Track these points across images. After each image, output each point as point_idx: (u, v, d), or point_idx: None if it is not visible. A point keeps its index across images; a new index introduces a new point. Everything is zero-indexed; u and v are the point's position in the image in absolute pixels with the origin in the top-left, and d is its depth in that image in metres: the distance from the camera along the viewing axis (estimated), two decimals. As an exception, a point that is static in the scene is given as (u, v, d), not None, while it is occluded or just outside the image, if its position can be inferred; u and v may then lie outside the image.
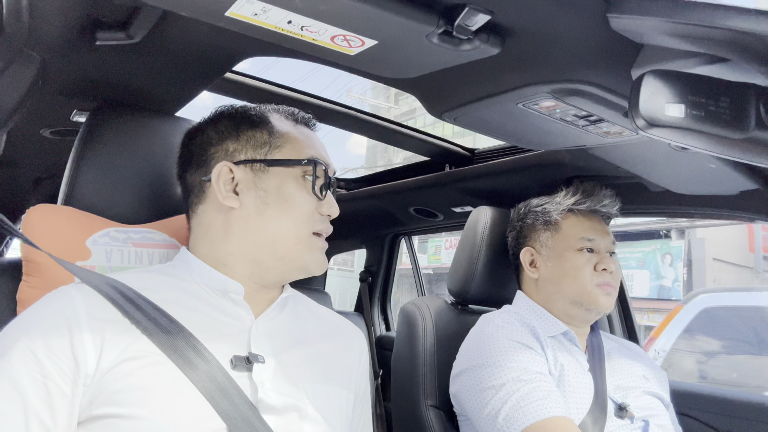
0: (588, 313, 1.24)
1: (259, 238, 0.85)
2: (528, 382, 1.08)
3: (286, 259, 0.86)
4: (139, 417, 0.68)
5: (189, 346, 0.74)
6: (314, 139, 0.93)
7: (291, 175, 0.86)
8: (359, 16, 0.71)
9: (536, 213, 1.33)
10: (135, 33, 0.90)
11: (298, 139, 0.89)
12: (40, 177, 2.06)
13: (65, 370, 0.69)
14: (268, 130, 0.89)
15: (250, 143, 0.88)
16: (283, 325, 0.88)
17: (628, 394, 1.19)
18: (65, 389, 0.68)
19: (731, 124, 0.64)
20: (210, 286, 0.84)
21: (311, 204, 0.86)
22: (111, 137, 1.04)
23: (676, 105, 0.62)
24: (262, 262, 0.85)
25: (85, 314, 0.72)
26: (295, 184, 0.86)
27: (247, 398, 0.75)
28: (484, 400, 1.10)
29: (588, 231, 1.26)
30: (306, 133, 0.92)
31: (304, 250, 0.86)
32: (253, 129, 0.89)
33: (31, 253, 0.91)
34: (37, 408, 0.67)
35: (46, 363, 0.68)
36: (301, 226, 0.85)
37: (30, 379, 0.68)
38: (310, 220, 0.86)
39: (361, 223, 2.38)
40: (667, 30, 0.67)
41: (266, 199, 0.85)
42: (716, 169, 1.12)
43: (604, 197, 1.30)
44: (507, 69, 0.88)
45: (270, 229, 0.84)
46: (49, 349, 0.69)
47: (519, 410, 1.05)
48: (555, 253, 1.28)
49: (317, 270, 0.88)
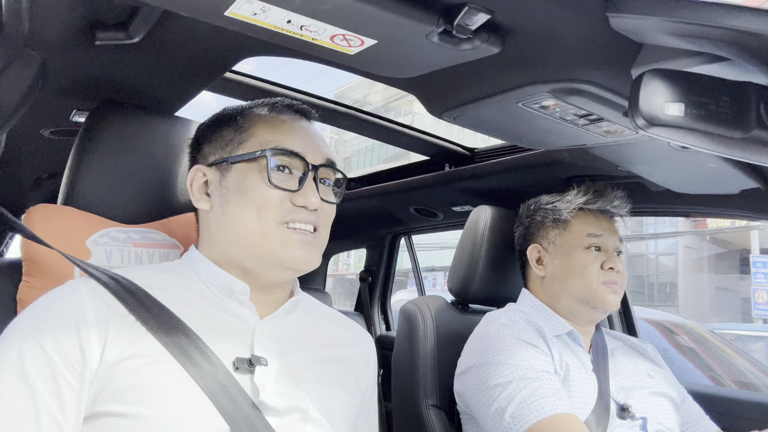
0: (594, 311, 1.24)
1: (229, 236, 0.84)
2: (534, 380, 1.08)
3: (259, 255, 0.82)
4: (142, 416, 0.68)
5: (193, 345, 0.74)
6: (289, 126, 0.87)
7: (252, 169, 0.83)
8: (359, 15, 0.71)
9: (546, 210, 1.33)
10: (135, 33, 0.90)
11: (265, 132, 0.86)
12: (40, 177, 2.07)
13: (73, 363, 0.69)
14: (234, 127, 0.88)
15: (219, 143, 0.88)
16: (289, 327, 0.87)
17: (631, 395, 1.19)
18: (73, 383, 0.69)
19: (731, 123, 0.64)
20: (216, 285, 0.84)
21: (276, 195, 0.82)
22: (111, 137, 1.03)
23: (676, 104, 0.62)
24: (242, 261, 0.84)
25: (92, 309, 0.73)
26: (255, 177, 0.83)
27: (250, 399, 0.74)
28: (490, 398, 1.10)
29: (596, 229, 1.27)
30: (279, 122, 0.88)
31: (275, 245, 0.81)
32: (222, 128, 0.89)
33: (31, 253, 0.91)
34: (47, 402, 0.68)
35: (55, 357, 0.69)
36: (264, 217, 0.81)
37: (40, 373, 0.68)
38: (276, 209, 0.81)
39: (361, 223, 2.38)
40: (667, 29, 0.67)
41: (228, 197, 0.84)
42: (716, 169, 1.12)
43: (615, 198, 1.30)
44: (507, 68, 0.88)
45: (235, 226, 0.83)
46: (58, 344, 0.69)
47: (526, 407, 1.05)
48: (563, 251, 1.28)
49: (294, 265, 0.82)
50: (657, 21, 0.66)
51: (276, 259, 0.82)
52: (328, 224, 0.89)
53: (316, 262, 0.85)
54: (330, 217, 0.89)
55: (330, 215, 0.89)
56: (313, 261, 0.84)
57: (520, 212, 1.41)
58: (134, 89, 1.14)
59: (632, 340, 1.40)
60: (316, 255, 0.85)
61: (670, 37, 0.69)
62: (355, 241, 2.65)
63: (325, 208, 0.87)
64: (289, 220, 0.82)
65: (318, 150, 0.87)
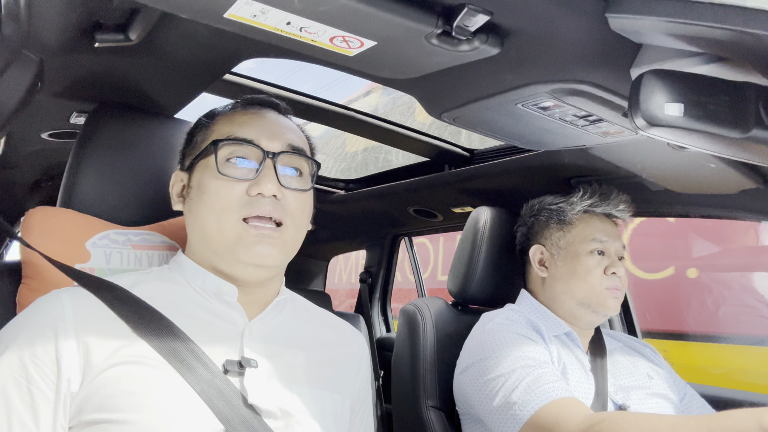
0: (594, 315, 1.24)
1: (197, 235, 0.84)
2: (537, 368, 1.08)
3: (219, 253, 0.80)
4: (131, 422, 0.68)
5: (186, 349, 0.74)
6: (248, 117, 0.85)
7: (208, 165, 0.82)
8: (358, 17, 0.71)
9: (550, 211, 1.32)
10: (134, 34, 0.90)
11: (223, 127, 0.85)
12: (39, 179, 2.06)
13: (49, 375, 0.69)
14: (199, 130, 0.89)
15: (189, 148, 0.90)
16: (278, 328, 0.86)
17: (630, 395, 1.19)
18: (49, 394, 0.69)
19: (731, 123, 0.64)
20: (204, 288, 0.83)
21: (229, 188, 0.79)
22: (110, 139, 1.03)
23: (676, 104, 0.62)
24: (210, 260, 0.82)
25: (72, 318, 0.72)
26: (211, 173, 0.81)
27: (246, 400, 0.74)
28: (493, 389, 1.09)
29: (601, 233, 1.26)
30: (238, 115, 0.86)
31: (233, 242, 0.79)
32: (195, 133, 0.90)
33: (30, 256, 0.91)
34: (21, 413, 0.68)
35: (31, 369, 0.69)
36: (221, 214, 0.79)
37: (15, 384, 0.69)
38: (233, 205, 0.79)
39: (361, 224, 2.38)
40: (666, 29, 0.67)
41: (191, 195, 0.85)
42: (716, 169, 1.12)
43: (620, 202, 1.30)
44: (506, 69, 0.88)
45: (198, 224, 0.82)
46: (35, 354, 0.70)
47: (531, 393, 1.04)
48: (566, 254, 1.28)
49: (251, 260, 0.79)
50: (656, 21, 0.66)
51: (233, 256, 0.79)
52: (298, 217, 0.83)
53: (277, 256, 0.80)
54: (299, 208, 0.83)
55: (299, 206, 0.83)
56: (273, 255, 0.79)
57: (523, 212, 1.40)
58: (133, 91, 1.13)
59: (632, 340, 1.39)
60: (276, 248, 0.80)
61: (669, 38, 0.69)
62: (355, 242, 2.65)
63: (290, 197, 0.82)
64: (247, 215, 0.79)
65: (277, 136, 0.83)
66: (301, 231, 0.85)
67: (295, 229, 0.84)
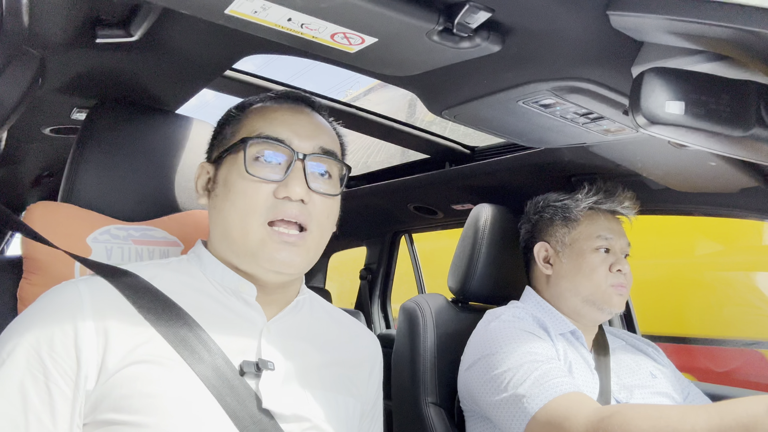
0: (599, 312, 1.24)
1: (219, 233, 0.82)
2: (545, 362, 1.08)
3: (242, 255, 0.78)
4: (147, 425, 0.67)
5: (204, 348, 0.73)
6: (280, 114, 0.83)
7: (236, 161, 0.79)
8: (359, 13, 0.71)
9: (555, 208, 1.32)
10: (135, 30, 0.90)
11: (255, 121, 0.82)
12: (40, 175, 2.07)
13: (67, 371, 0.67)
14: (230, 121, 0.87)
15: (219, 139, 0.88)
16: (296, 329, 0.85)
17: (633, 394, 1.19)
18: (67, 391, 0.67)
19: (732, 121, 0.64)
20: (222, 284, 0.82)
21: (258, 190, 0.77)
22: (111, 135, 1.03)
23: (677, 102, 0.62)
24: (230, 259, 0.81)
25: (91, 312, 0.70)
26: (239, 170, 0.79)
27: (260, 401, 0.74)
28: (501, 383, 1.08)
29: (606, 231, 1.26)
30: (270, 110, 0.83)
31: (256, 247, 0.77)
32: (224, 125, 0.89)
33: (31, 251, 0.91)
34: (38, 410, 0.66)
35: (49, 365, 0.67)
36: (245, 216, 0.77)
37: (33, 380, 0.67)
38: (259, 207, 0.77)
39: (361, 221, 2.38)
40: (668, 27, 0.67)
41: (217, 191, 0.83)
42: (717, 167, 1.12)
43: (625, 199, 1.30)
44: (507, 67, 0.88)
45: (221, 223, 0.80)
46: (53, 349, 0.68)
47: (540, 386, 1.03)
48: (571, 251, 1.27)
49: (273, 267, 0.77)
50: (657, 19, 0.66)
51: (254, 260, 0.78)
52: (323, 222, 0.82)
53: (300, 263, 0.79)
54: (326, 213, 0.82)
55: (326, 211, 0.82)
56: (295, 263, 0.78)
57: (527, 209, 1.40)
58: (134, 87, 1.13)
59: (635, 339, 1.39)
60: (299, 256, 0.78)
61: (670, 36, 0.69)
62: (355, 239, 2.65)
63: (318, 201, 0.80)
64: (273, 218, 0.77)
65: (309, 136, 0.81)
66: (325, 236, 0.84)
67: (320, 235, 0.82)
